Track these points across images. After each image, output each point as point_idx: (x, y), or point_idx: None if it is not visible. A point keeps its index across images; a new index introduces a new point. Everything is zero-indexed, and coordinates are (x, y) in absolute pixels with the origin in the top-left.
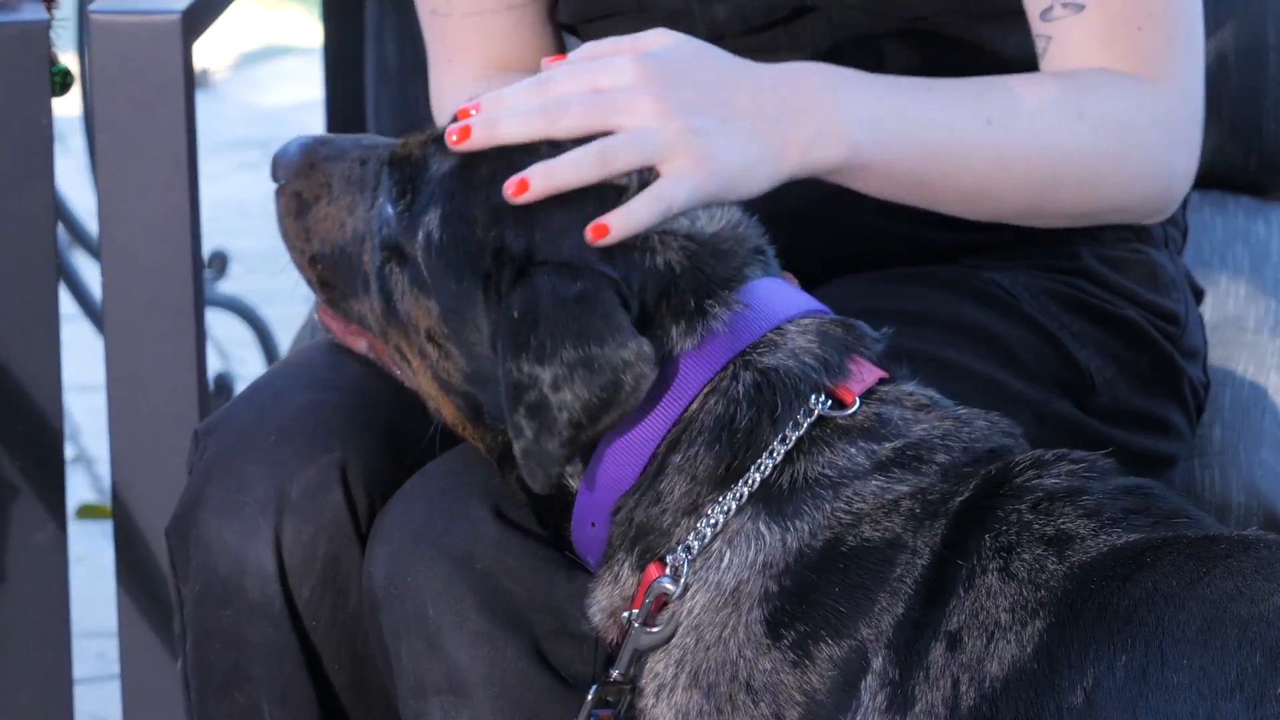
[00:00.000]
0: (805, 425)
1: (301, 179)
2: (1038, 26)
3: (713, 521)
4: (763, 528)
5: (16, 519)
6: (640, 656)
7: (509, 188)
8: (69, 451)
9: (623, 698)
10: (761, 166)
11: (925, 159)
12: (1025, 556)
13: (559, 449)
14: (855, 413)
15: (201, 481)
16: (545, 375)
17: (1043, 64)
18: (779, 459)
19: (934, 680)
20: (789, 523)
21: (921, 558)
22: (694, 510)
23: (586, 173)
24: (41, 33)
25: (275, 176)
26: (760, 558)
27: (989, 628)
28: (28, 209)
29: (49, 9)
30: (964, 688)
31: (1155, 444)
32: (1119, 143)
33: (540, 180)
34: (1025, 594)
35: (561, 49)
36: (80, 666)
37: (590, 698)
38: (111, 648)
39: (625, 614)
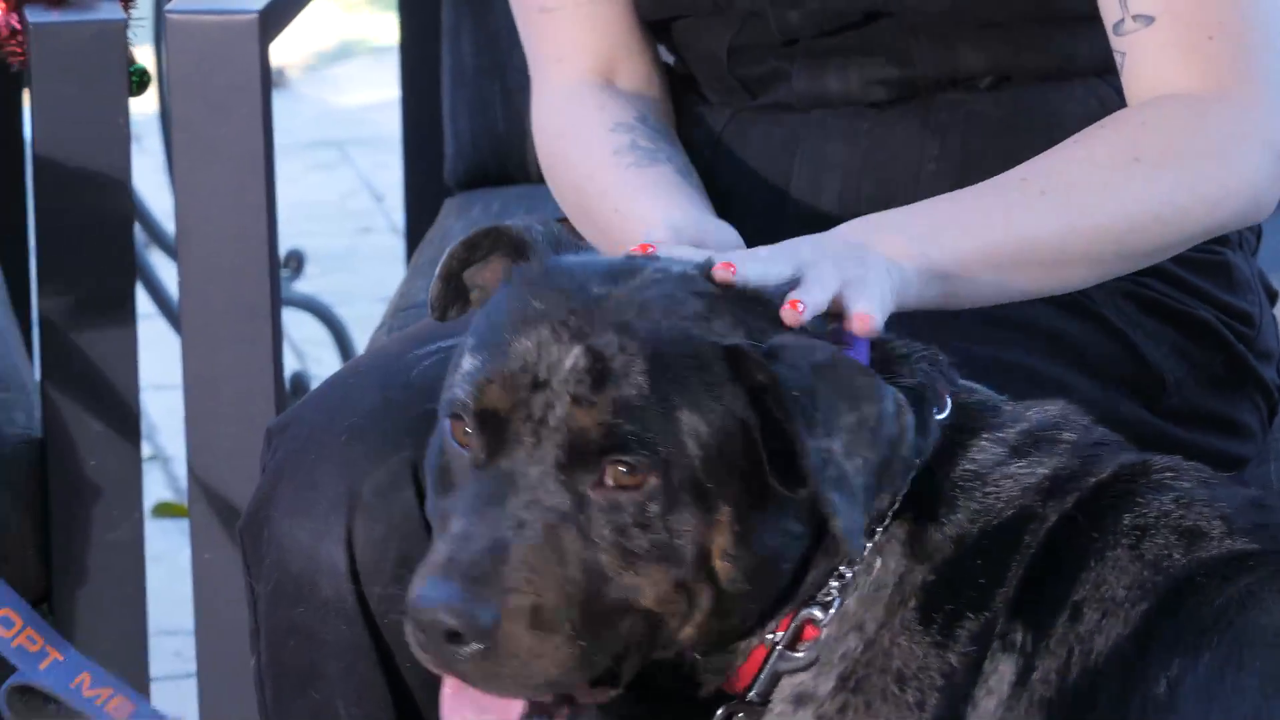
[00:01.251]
0: (933, 439)
1: (535, 589)
2: (1114, 41)
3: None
4: (919, 528)
5: (95, 517)
6: (777, 679)
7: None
8: (146, 450)
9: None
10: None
11: (994, 251)
12: (1157, 541)
13: (860, 518)
14: (965, 408)
15: (273, 480)
16: (837, 446)
17: (1123, 77)
18: (916, 472)
19: (1054, 649)
20: (944, 518)
21: (1048, 522)
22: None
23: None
24: (119, 32)
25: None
26: (920, 549)
27: (1106, 603)
28: (106, 209)
29: (126, 8)
30: (1074, 658)
31: (1226, 445)
32: (1188, 172)
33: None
34: (1145, 575)
35: (654, 52)
36: (157, 665)
37: (720, 713)
38: (188, 646)
39: (769, 637)
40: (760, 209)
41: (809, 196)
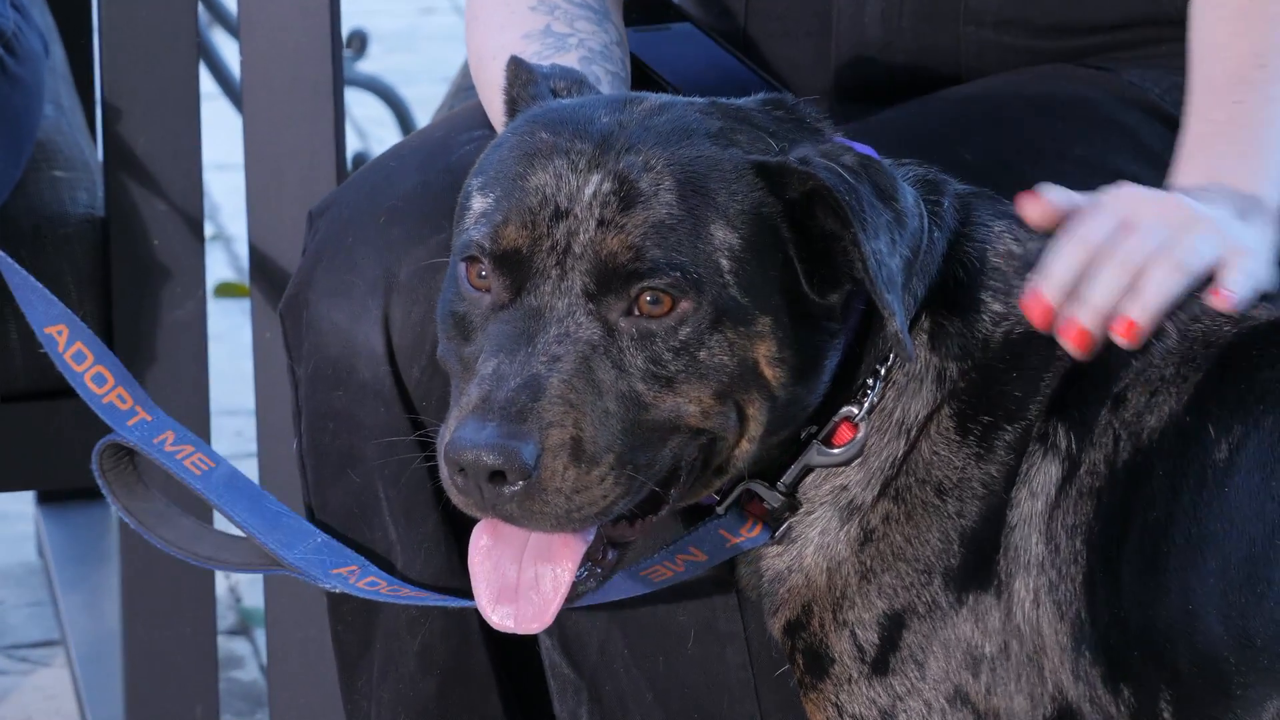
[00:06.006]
0: (947, 228)
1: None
2: None
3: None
4: (945, 324)
5: (158, 297)
6: (807, 472)
7: (1122, 334)
8: (208, 230)
9: (780, 511)
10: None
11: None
12: (1204, 323)
13: (905, 318)
14: (974, 201)
15: (312, 263)
16: (883, 246)
17: None
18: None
19: (1096, 440)
20: (970, 315)
21: None
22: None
23: (1177, 288)
24: None
25: (511, 478)
26: (956, 348)
27: (1154, 384)
28: None
29: None
30: (1122, 443)
31: None
32: None
33: (1145, 316)
34: (1195, 350)
35: None
36: (218, 444)
37: (735, 493)
38: (249, 426)
39: (804, 433)
40: (803, 30)
41: (851, 14)
